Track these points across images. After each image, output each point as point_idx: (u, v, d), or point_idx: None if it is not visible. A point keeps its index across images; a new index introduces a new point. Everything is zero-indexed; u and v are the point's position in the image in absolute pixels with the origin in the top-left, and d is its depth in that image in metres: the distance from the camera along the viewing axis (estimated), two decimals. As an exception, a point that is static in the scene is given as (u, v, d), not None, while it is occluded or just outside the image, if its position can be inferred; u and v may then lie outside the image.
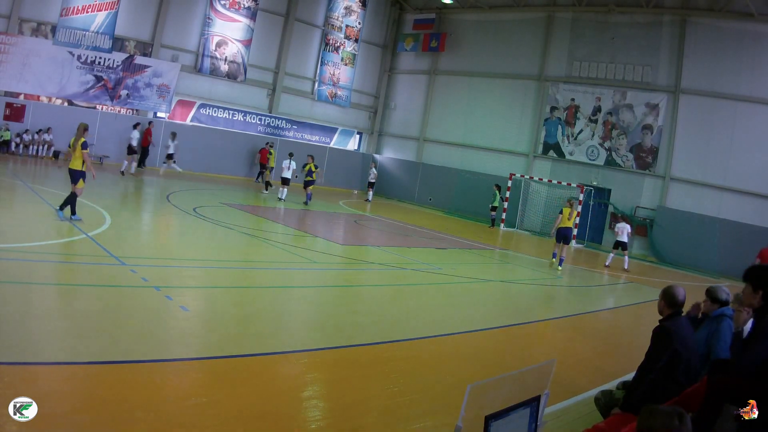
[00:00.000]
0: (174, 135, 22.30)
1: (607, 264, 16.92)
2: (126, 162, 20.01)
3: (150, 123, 22.65)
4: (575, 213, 15.27)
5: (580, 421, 4.86)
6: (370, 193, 26.83)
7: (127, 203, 14.97)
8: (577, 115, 24.44)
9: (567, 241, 14.92)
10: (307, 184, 19.98)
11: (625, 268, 16.78)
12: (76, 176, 10.50)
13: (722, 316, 4.86)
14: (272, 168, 22.93)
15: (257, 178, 25.39)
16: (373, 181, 26.87)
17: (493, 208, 23.29)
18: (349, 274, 11.05)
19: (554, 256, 15.08)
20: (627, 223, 17.20)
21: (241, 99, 26.40)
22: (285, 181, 20.18)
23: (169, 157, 22.11)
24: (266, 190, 21.79)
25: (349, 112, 30.52)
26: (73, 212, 10.45)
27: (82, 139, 10.55)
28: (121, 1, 21.87)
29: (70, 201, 10.37)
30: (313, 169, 19.92)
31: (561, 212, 14.92)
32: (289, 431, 4.42)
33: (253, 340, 6.24)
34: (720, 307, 4.96)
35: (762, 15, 19.65)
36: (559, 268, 14.80)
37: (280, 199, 19.90)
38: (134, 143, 20.31)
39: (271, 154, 23.12)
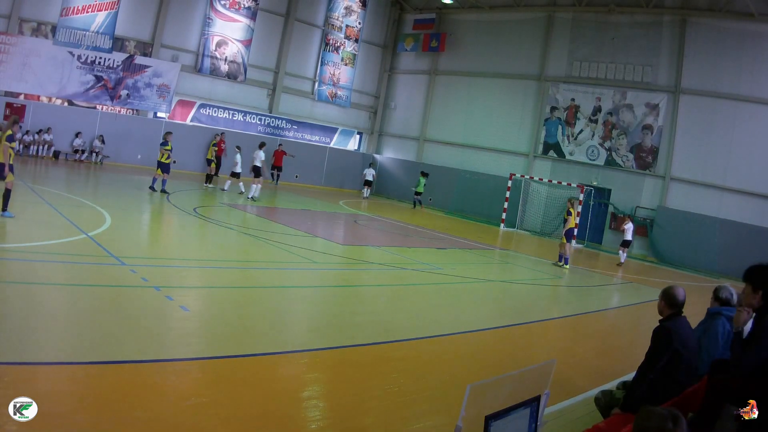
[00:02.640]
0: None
1: (621, 263, 17.83)
2: (254, 186, 18.64)
3: (222, 134, 22.17)
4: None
5: (580, 421, 4.87)
6: (368, 190, 27.72)
7: (127, 203, 14.96)
8: (577, 115, 24.43)
9: (570, 240, 15.30)
10: (163, 167, 16.54)
11: (621, 262, 17.91)
12: (1, 170, 9.72)
13: (717, 314, 4.88)
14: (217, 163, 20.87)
15: (275, 181, 25.25)
16: (370, 179, 27.76)
17: (418, 193, 25.89)
18: (349, 274, 11.05)
19: (560, 258, 15.14)
20: (631, 222, 18.36)
21: (241, 99, 26.41)
22: (235, 175, 19.57)
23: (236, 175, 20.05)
24: (209, 183, 20.30)
25: (349, 112, 30.53)
26: (5, 208, 9.81)
27: (9, 132, 9.83)
28: (121, 1, 21.89)
29: (6, 197, 9.76)
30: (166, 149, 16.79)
31: (570, 214, 15.17)
32: (289, 431, 4.42)
33: (253, 340, 6.23)
34: (720, 305, 4.97)
35: (762, 15, 19.65)
36: (567, 266, 15.05)
37: (240, 193, 19.32)
38: (258, 164, 18.91)
39: (219, 146, 20.63)
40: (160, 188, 16.55)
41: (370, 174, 27.98)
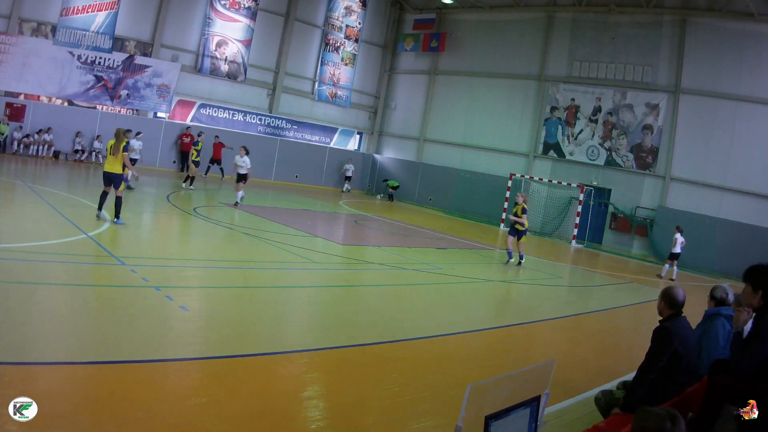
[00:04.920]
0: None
1: (662, 275, 16.51)
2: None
3: (200, 133, 20.76)
4: None
5: (580, 421, 4.86)
6: (347, 185, 29.14)
7: (127, 203, 14.94)
8: (578, 115, 24.43)
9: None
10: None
11: (662, 275, 16.54)
12: (119, 180, 10.94)
13: (716, 315, 4.88)
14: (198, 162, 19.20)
15: (207, 173, 23.30)
16: (350, 175, 29.17)
17: (394, 188, 28.78)
18: (349, 274, 11.05)
19: (510, 255, 14.30)
20: (680, 233, 16.51)
21: (241, 99, 26.40)
22: (133, 161, 16.96)
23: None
24: (191, 185, 18.97)
25: (350, 112, 30.53)
26: (117, 215, 10.89)
27: (125, 142, 10.89)
28: (121, 1, 21.88)
29: (120, 204, 10.90)
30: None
31: (525, 211, 13.94)
32: (288, 431, 4.42)
33: (253, 340, 6.23)
34: (716, 305, 4.97)
35: (762, 15, 19.65)
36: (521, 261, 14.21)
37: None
38: (244, 171, 17.39)
39: (196, 144, 19.18)
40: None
41: (350, 170, 29.32)
